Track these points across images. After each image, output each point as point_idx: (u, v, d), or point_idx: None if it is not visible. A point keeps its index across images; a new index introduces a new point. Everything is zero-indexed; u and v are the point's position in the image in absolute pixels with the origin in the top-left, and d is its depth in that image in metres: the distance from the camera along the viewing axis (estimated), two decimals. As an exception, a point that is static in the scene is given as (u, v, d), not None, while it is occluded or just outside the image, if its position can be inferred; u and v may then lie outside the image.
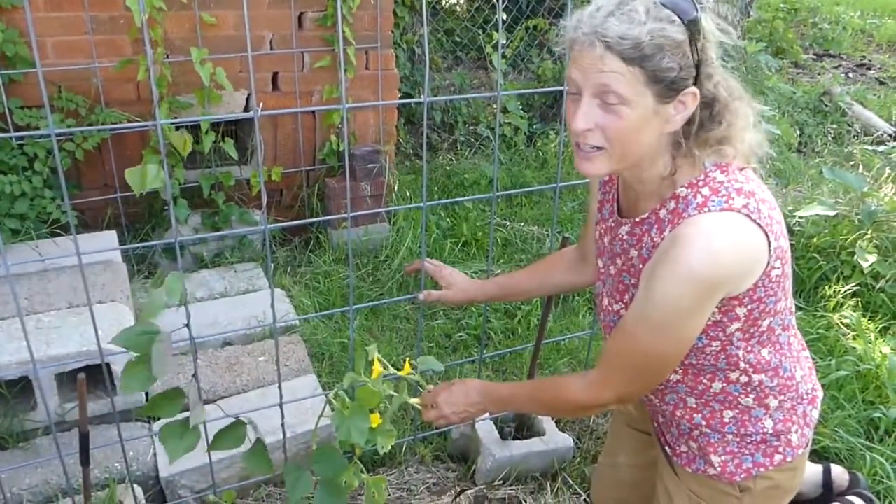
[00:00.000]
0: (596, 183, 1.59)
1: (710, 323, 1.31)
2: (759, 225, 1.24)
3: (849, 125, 5.14)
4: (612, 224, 1.48)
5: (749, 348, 1.38)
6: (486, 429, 2.15)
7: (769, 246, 1.25)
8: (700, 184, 1.29)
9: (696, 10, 1.19)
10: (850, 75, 6.53)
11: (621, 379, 1.40)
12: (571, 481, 2.11)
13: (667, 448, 1.59)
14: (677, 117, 1.25)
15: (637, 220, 1.40)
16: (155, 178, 1.40)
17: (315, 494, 1.49)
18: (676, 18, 1.19)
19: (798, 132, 4.96)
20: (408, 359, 1.62)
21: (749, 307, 1.30)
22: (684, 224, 1.27)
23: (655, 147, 1.29)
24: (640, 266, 1.42)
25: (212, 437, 1.50)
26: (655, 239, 1.36)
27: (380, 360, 1.57)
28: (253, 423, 1.54)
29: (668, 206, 1.32)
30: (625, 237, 1.44)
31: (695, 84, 1.22)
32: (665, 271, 1.26)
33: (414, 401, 1.63)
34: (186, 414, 1.44)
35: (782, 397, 1.43)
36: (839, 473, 1.92)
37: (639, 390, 1.42)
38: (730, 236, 1.24)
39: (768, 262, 1.26)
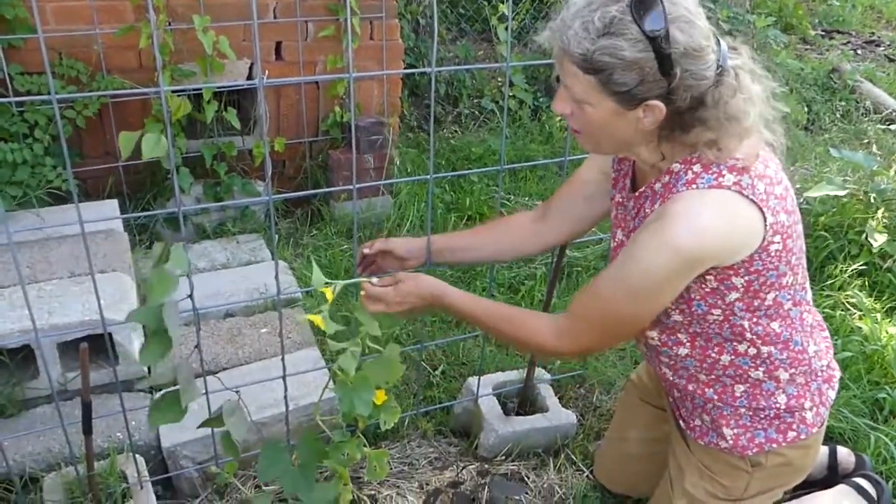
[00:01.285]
0: (605, 157, 1.58)
1: (707, 290, 1.32)
2: (752, 201, 1.24)
3: (857, 103, 5.08)
4: (622, 198, 1.49)
5: (755, 320, 1.37)
6: (488, 404, 2.14)
7: (765, 221, 1.25)
8: (693, 160, 1.30)
9: (664, 25, 1.16)
10: (859, 52, 6.45)
11: (589, 334, 1.42)
12: (574, 457, 2.11)
13: (681, 422, 1.60)
14: (646, 121, 1.26)
15: (636, 193, 1.43)
16: (156, 147, 1.37)
17: (288, 476, 1.48)
18: (636, 34, 1.17)
19: (806, 109, 4.90)
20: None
21: (746, 278, 1.30)
22: (671, 200, 1.29)
23: (634, 138, 1.32)
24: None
25: (208, 416, 1.48)
26: (648, 211, 1.38)
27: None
28: (243, 402, 1.51)
29: (662, 180, 1.35)
30: (629, 209, 1.46)
31: (667, 95, 1.21)
32: (646, 239, 1.30)
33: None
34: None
35: (793, 370, 1.42)
36: (845, 455, 1.92)
37: (604, 346, 1.47)
38: (715, 214, 1.26)
39: (764, 237, 1.25)
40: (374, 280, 1.56)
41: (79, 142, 2.88)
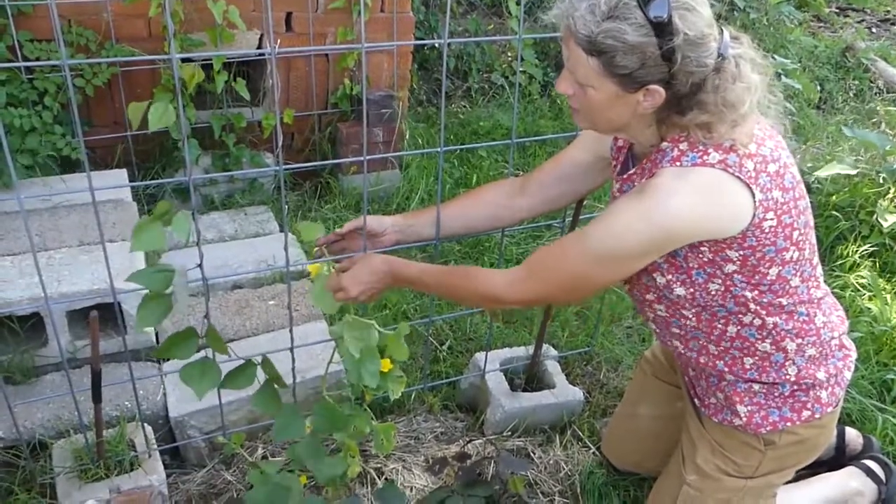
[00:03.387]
0: (599, 140, 1.57)
1: (704, 260, 1.34)
2: (738, 178, 1.25)
3: (871, 82, 5.03)
4: (619, 184, 1.49)
5: (758, 293, 1.37)
6: (495, 380, 2.14)
7: (753, 198, 1.26)
8: (680, 140, 1.32)
9: (667, 12, 1.18)
10: (874, 30, 6.37)
11: (543, 287, 1.44)
12: (581, 434, 2.11)
13: (696, 400, 1.60)
14: (645, 104, 1.28)
15: (626, 175, 1.45)
16: (164, 116, 1.36)
17: (300, 444, 1.49)
18: (640, 19, 1.19)
19: (818, 88, 4.85)
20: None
21: (740, 252, 1.31)
22: (655, 175, 1.31)
23: (632, 121, 1.36)
24: None
25: (223, 377, 1.49)
26: (636, 185, 1.41)
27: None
28: (267, 361, 1.52)
29: (650, 158, 1.37)
30: (618, 192, 1.49)
31: (668, 80, 1.23)
32: (621, 209, 1.33)
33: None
34: (201, 354, 1.44)
35: (800, 340, 1.42)
36: (853, 437, 1.92)
37: (554, 300, 1.50)
38: (692, 192, 1.27)
39: (755, 214, 1.27)
40: (325, 270, 1.60)
41: (87, 110, 2.87)
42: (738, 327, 1.42)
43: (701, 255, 1.33)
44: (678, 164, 1.28)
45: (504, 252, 2.84)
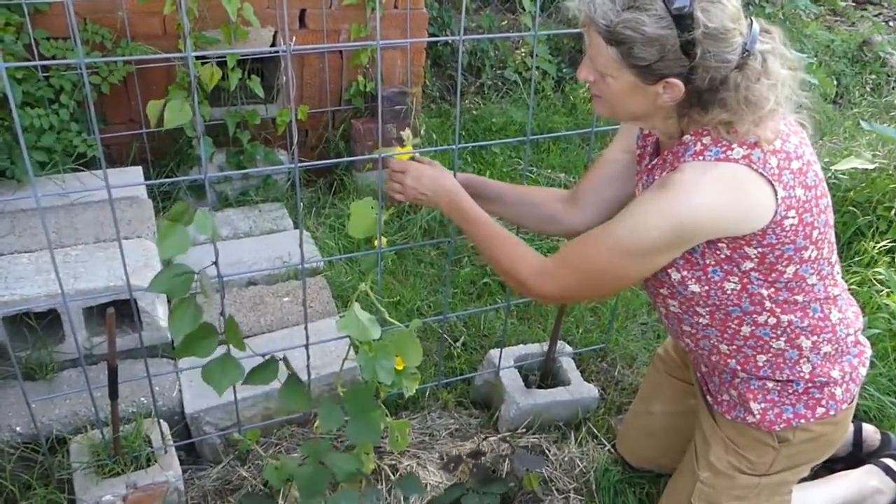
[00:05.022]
0: (630, 135, 1.57)
1: (721, 257, 1.33)
2: (761, 174, 1.24)
3: (888, 76, 4.97)
4: (643, 174, 1.49)
5: (774, 291, 1.36)
6: (510, 377, 2.14)
7: (776, 195, 1.24)
8: (704, 133, 1.30)
9: (689, 6, 1.16)
10: (892, 24, 6.30)
11: (570, 280, 1.43)
12: (596, 431, 2.10)
13: (708, 397, 1.59)
14: (665, 97, 1.27)
15: (649, 166, 1.44)
16: (179, 113, 1.36)
17: (348, 427, 1.50)
18: (661, 11, 1.17)
19: (835, 82, 4.80)
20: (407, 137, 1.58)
21: (759, 250, 1.30)
22: (676, 170, 1.30)
23: (653, 111, 1.35)
24: None
25: (246, 373, 1.49)
26: (657, 178, 1.40)
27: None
28: (286, 360, 1.53)
29: (673, 150, 1.36)
30: (648, 182, 1.47)
31: (688, 74, 1.21)
32: (645, 203, 1.32)
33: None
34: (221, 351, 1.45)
35: (815, 338, 1.41)
36: (871, 433, 1.90)
37: (583, 296, 1.49)
38: (714, 188, 1.26)
39: (776, 212, 1.25)
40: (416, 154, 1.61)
41: (103, 108, 2.88)
42: (753, 327, 1.41)
43: (718, 252, 1.32)
44: (701, 158, 1.27)
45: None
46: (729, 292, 1.36)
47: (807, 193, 1.29)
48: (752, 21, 1.24)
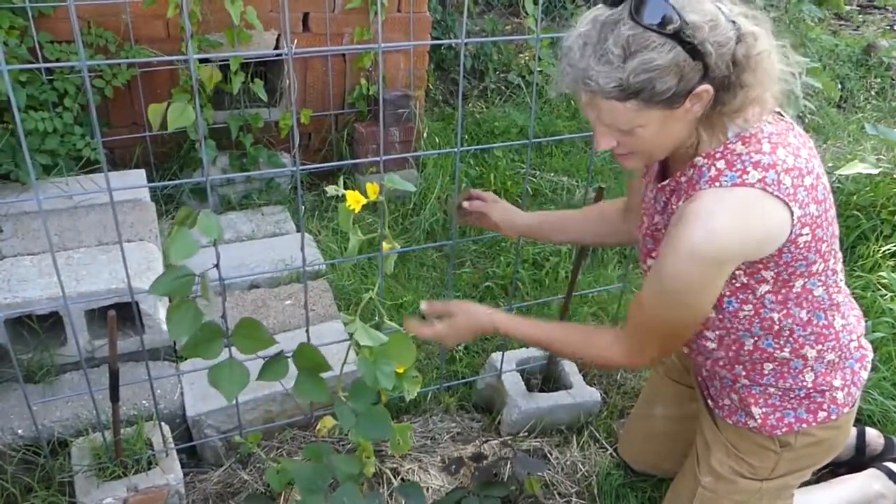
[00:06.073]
0: None
1: (737, 286, 1.31)
2: (777, 197, 1.21)
3: (893, 80, 4.96)
4: (650, 188, 1.48)
5: (786, 312, 1.35)
6: (512, 380, 2.13)
7: (792, 216, 1.23)
8: (717, 155, 1.27)
9: (678, 18, 1.13)
10: (896, 29, 6.29)
11: (650, 345, 1.42)
12: (598, 435, 2.10)
13: (709, 401, 1.59)
14: (695, 108, 1.22)
15: (660, 185, 1.41)
16: (182, 116, 1.36)
17: (359, 425, 1.49)
18: (659, 39, 1.13)
19: (839, 86, 4.79)
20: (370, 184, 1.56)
21: (776, 270, 1.29)
22: (692, 199, 1.27)
23: (691, 129, 1.28)
24: (662, 232, 1.42)
25: (258, 370, 1.49)
26: (674, 207, 1.37)
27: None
28: (308, 349, 1.53)
29: (686, 174, 1.32)
30: (651, 200, 1.45)
31: (705, 75, 1.18)
32: (670, 249, 1.28)
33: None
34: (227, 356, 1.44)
35: (820, 347, 1.40)
36: (874, 437, 1.89)
37: (670, 350, 1.46)
38: (732, 215, 1.23)
39: (792, 231, 1.24)
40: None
41: (107, 111, 2.89)
42: (755, 339, 1.41)
43: (734, 281, 1.31)
44: (717, 184, 1.24)
45: (521, 252, 2.83)
46: (742, 318, 1.36)
47: (818, 208, 1.28)
48: None
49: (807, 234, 1.27)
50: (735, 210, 1.23)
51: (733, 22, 1.19)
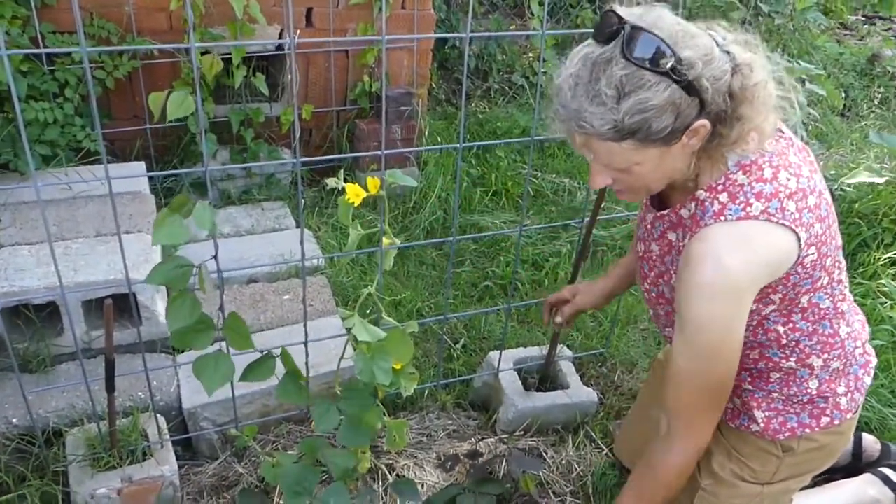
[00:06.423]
0: None
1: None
2: (783, 225, 1.21)
3: (896, 90, 4.96)
4: (647, 214, 1.46)
5: (791, 325, 1.35)
6: (509, 379, 2.13)
7: (799, 241, 1.22)
8: (719, 188, 1.26)
9: (672, 54, 1.10)
10: (901, 39, 6.29)
11: (699, 416, 1.36)
12: (594, 435, 2.09)
13: None
14: (692, 142, 1.20)
15: (659, 214, 1.39)
16: (182, 105, 1.35)
17: (340, 430, 1.48)
18: (654, 78, 1.10)
19: (843, 95, 4.79)
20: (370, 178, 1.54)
21: (783, 292, 1.29)
22: (696, 238, 1.25)
23: (689, 162, 1.26)
24: (657, 261, 1.43)
25: (242, 370, 1.48)
26: (672, 240, 1.36)
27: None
28: (286, 354, 1.52)
29: (688, 207, 1.31)
30: (649, 227, 1.45)
31: (702, 110, 1.15)
32: (686, 298, 1.26)
33: None
34: (217, 347, 1.43)
35: (826, 356, 1.40)
36: (870, 443, 1.88)
37: (718, 416, 1.38)
38: (742, 248, 1.22)
39: (799, 255, 1.23)
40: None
41: (108, 103, 2.89)
42: (761, 349, 1.40)
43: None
44: (722, 218, 1.22)
45: (520, 252, 2.82)
46: (747, 331, 1.35)
47: (822, 226, 1.27)
48: (704, 26, 1.19)
49: (812, 254, 1.26)
50: (742, 244, 1.21)
51: (727, 52, 1.16)
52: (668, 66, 1.10)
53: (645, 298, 1.54)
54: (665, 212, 1.37)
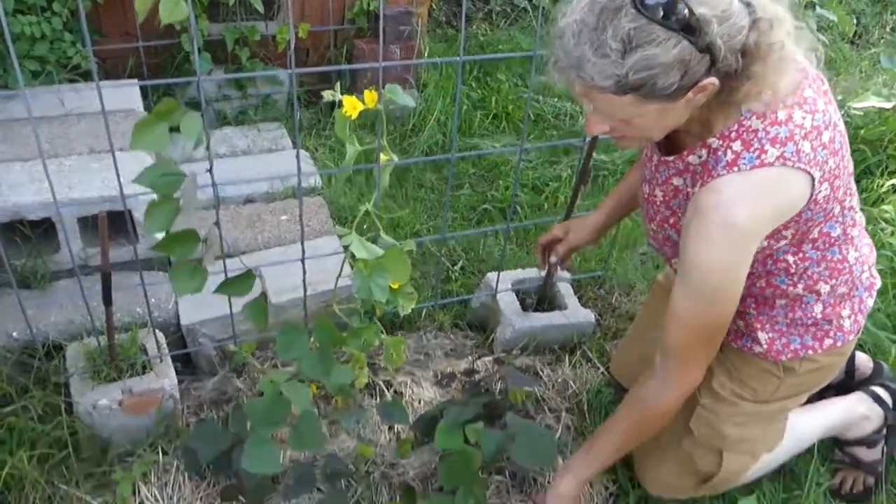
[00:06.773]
0: None
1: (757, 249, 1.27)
2: (799, 168, 1.18)
3: (909, 16, 4.84)
4: (653, 158, 1.43)
5: (801, 254, 1.34)
6: (506, 300, 2.13)
7: (812, 181, 1.20)
8: (732, 135, 1.21)
9: (686, 8, 1.02)
10: (916, -36, 6.10)
11: (696, 360, 1.37)
12: (591, 354, 2.11)
13: None
14: (698, 97, 1.14)
15: (663, 159, 1.36)
16: (175, 10, 1.30)
17: (304, 360, 1.48)
18: (664, 34, 1.03)
19: (855, 21, 4.67)
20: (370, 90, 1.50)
21: (795, 228, 1.27)
22: (707, 188, 1.21)
23: (686, 115, 1.20)
24: (661, 206, 1.40)
25: (221, 283, 1.47)
26: (678, 185, 1.33)
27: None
28: (260, 276, 1.51)
29: (698, 154, 1.27)
30: (653, 169, 1.41)
31: (712, 66, 1.09)
32: (693, 245, 1.24)
33: None
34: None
35: (834, 281, 1.39)
36: (863, 361, 1.90)
37: (712, 357, 1.38)
38: (755, 202, 1.19)
39: (812, 194, 1.21)
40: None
41: (98, 19, 2.81)
42: (768, 277, 1.39)
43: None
44: (735, 168, 1.19)
45: (520, 176, 2.79)
46: (756, 262, 1.33)
47: (835, 159, 1.24)
48: None
49: (826, 189, 1.24)
50: (755, 195, 1.19)
51: (748, 4, 1.10)
52: (681, 21, 1.04)
53: (650, 237, 1.52)
54: (671, 158, 1.33)
